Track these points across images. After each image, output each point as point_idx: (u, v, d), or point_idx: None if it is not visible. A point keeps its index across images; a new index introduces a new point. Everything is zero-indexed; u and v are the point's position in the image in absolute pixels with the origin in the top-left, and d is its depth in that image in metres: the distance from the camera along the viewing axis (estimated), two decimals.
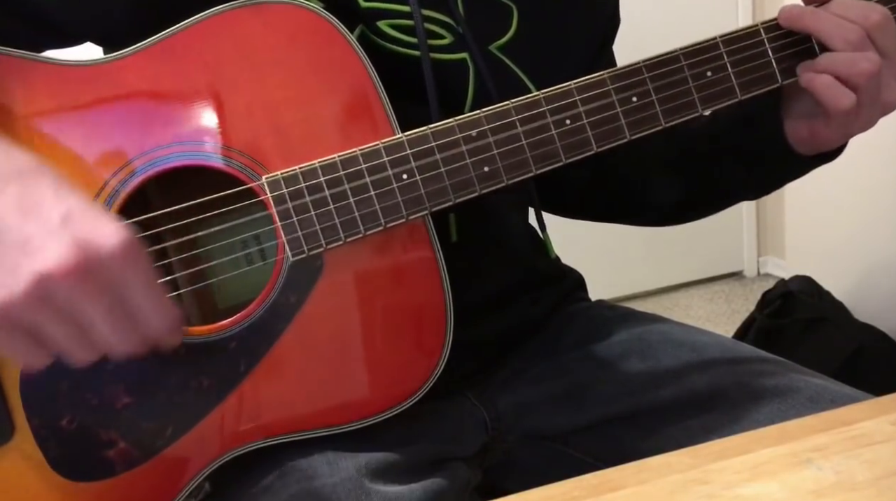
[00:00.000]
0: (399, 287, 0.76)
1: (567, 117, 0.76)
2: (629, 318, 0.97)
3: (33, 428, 0.72)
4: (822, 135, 0.82)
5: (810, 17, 0.79)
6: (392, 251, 0.76)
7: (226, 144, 0.73)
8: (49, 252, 0.60)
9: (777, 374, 0.86)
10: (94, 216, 0.62)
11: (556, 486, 0.63)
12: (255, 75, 0.74)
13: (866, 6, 0.79)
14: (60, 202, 0.62)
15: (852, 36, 0.77)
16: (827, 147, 0.84)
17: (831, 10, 0.79)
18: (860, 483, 0.59)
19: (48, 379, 0.72)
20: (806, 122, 0.83)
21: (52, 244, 0.60)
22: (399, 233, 0.76)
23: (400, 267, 0.77)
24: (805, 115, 0.83)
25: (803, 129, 0.83)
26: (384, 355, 0.77)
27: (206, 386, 0.74)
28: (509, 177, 0.76)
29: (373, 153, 0.74)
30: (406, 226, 0.75)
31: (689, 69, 0.78)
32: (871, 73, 0.77)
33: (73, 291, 0.60)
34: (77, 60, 0.75)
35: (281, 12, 0.74)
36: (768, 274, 2.85)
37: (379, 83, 0.75)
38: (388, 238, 0.76)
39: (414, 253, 0.76)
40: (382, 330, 0.77)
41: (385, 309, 0.76)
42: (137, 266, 0.63)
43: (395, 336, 0.77)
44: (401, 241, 0.76)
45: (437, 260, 0.76)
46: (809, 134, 0.83)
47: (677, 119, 0.79)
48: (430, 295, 0.76)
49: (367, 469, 0.76)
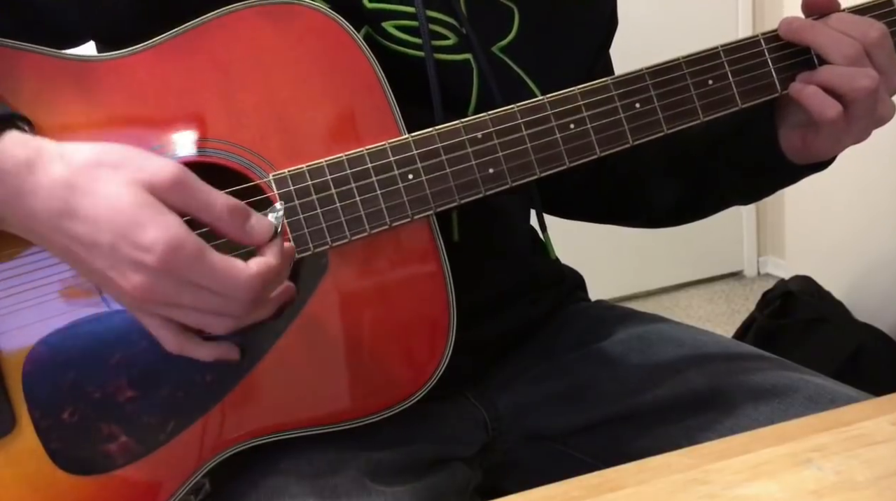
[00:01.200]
0: (402, 287, 0.77)
1: (571, 122, 0.77)
2: (629, 318, 0.98)
3: (35, 421, 0.73)
4: (814, 146, 0.83)
5: (809, 31, 0.80)
6: (396, 251, 0.76)
7: (233, 142, 0.74)
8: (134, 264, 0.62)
9: (777, 374, 0.86)
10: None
11: (556, 486, 0.63)
12: (264, 74, 0.74)
13: (865, 23, 0.80)
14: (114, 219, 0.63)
15: (850, 51, 0.78)
16: (820, 157, 0.85)
17: (831, 25, 0.80)
18: (860, 483, 0.59)
19: (50, 371, 0.72)
20: (799, 132, 0.84)
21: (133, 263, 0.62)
22: (404, 233, 0.76)
23: (404, 268, 0.77)
24: (799, 125, 0.84)
25: (797, 139, 0.84)
26: (386, 354, 0.77)
27: (208, 382, 0.74)
28: (514, 180, 0.76)
29: (379, 153, 0.74)
30: (411, 227, 0.76)
31: (691, 77, 0.79)
32: (869, 90, 0.78)
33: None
34: (87, 56, 0.75)
35: (289, 13, 0.75)
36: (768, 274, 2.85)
37: (386, 83, 0.75)
38: (393, 238, 0.76)
39: (418, 253, 0.77)
40: (385, 330, 0.77)
41: (388, 308, 0.77)
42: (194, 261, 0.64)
43: (397, 335, 0.77)
44: (405, 241, 0.76)
45: (441, 260, 0.77)
46: (802, 144, 0.84)
47: (679, 126, 0.80)
48: (433, 296, 0.77)
49: (368, 469, 0.76)
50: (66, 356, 0.73)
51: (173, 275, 0.62)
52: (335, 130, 0.75)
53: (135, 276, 0.62)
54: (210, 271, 0.63)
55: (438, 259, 0.77)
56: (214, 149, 0.74)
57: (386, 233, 0.75)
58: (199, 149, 0.74)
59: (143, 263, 0.61)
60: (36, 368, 0.72)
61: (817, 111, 0.79)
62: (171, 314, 0.65)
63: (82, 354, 0.73)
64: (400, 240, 0.76)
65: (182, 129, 0.74)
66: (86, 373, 0.73)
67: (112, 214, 0.62)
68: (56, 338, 0.73)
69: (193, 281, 0.63)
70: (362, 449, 0.78)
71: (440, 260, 0.77)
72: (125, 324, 0.72)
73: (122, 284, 0.63)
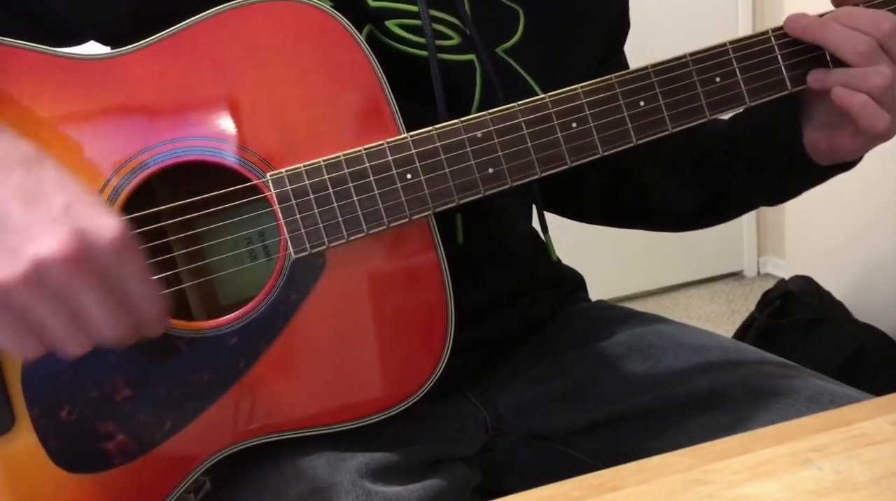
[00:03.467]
0: (400, 287, 0.76)
1: (573, 120, 0.76)
2: (629, 318, 0.97)
3: (33, 419, 0.73)
4: (842, 147, 0.81)
5: (819, 29, 0.77)
6: (394, 251, 0.76)
7: (231, 141, 0.74)
8: (48, 238, 0.61)
9: (777, 374, 0.86)
10: (93, 206, 0.64)
11: (556, 486, 0.63)
12: (262, 73, 0.74)
13: (877, 15, 0.77)
14: (62, 191, 0.64)
15: (863, 47, 0.76)
16: (847, 157, 0.83)
17: (840, 20, 0.77)
18: (860, 483, 0.59)
19: (50, 369, 0.72)
20: (824, 133, 0.82)
21: (52, 230, 0.62)
22: (402, 233, 0.75)
23: (402, 268, 0.77)
24: (824, 126, 0.82)
25: (822, 141, 0.83)
26: (384, 355, 0.77)
27: (205, 381, 0.74)
28: (514, 180, 0.76)
29: (377, 152, 0.74)
30: (409, 226, 0.75)
31: (698, 74, 0.78)
32: (883, 87, 0.76)
33: (68, 277, 0.62)
34: (85, 54, 0.75)
35: (289, 10, 0.74)
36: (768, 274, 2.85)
37: (386, 83, 0.75)
38: (391, 238, 0.75)
39: (416, 253, 0.76)
40: (383, 330, 0.77)
41: (386, 308, 0.76)
42: (131, 257, 0.65)
43: (395, 336, 0.77)
44: (403, 241, 0.76)
45: (440, 260, 0.76)
46: (828, 145, 0.82)
47: (685, 124, 0.78)
48: (431, 296, 0.76)
49: (368, 470, 0.76)
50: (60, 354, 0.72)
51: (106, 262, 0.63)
52: (334, 129, 0.75)
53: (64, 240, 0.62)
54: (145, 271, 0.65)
55: (437, 258, 0.76)
56: (211, 148, 0.74)
57: (384, 234, 0.75)
58: (196, 149, 0.73)
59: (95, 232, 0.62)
60: (35, 366, 0.72)
61: (867, 123, 0.76)
62: (61, 305, 0.64)
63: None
64: (398, 241, 0.76)
65: (179, 128, 0.74)
66: (84, 372, 0.73)
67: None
68: None
69: (121, 275, 0.64)
70: (362, 450, 0.78)
71: (438, 259, 0.76)
72: None
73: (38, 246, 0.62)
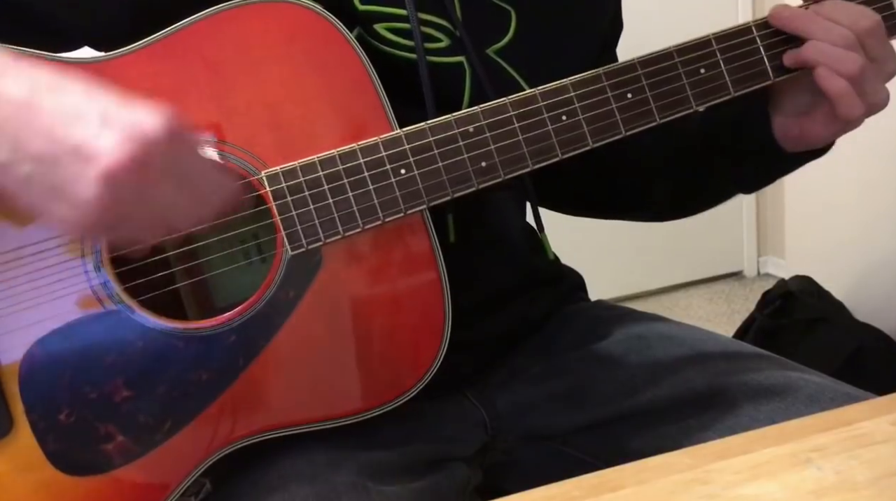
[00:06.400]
0: (396, 282, 0.77)
1: (563, 113, 0.77)
2: (628, 318, 0.97)
3: (31, 422, 0.72)
4: (812, 133, 0.83)
5: (801, 20, 0.80)
6: (390, 246, 0.76)
7: (225, 140, 0.74)
8: (102, 153, 0.60)
9: (777, 373, 0.86)
10: (128, 106, 0.62)
11: (556, 486, 0.63)
12: (255, 73, 0.75)
13: (858, 10, 0.80)
14: (94, 103, 0.62)
15: (841, 41, 0.78)
16: (816, 144, 0.85)
17: (823, 14, 0.80)
18: (860, 483, 0.59)
19: (47, 372, 0.72)
20: (796, 120, 0.84)
21: (102, 144, 0.60)
22: (397, 228, 0.76)
23: (398, 263, 0.77)
24: (795, 114, 0.84)
25: (793, 128, 0.84)
26: (381, 351, 0.77)
27: (204, 380, 0.74)
28: (506, 172, 0.77)
29: (371, 148, 0.74)
30: (404, 222, 0.76)
31: (683, 66, 0.80)
32: (851, 75, 0.77)
33: (139, 182, 0.61)
34: (79, 58, 0.75)
35: (280, 11, 0.75)
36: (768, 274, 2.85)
37: (377, 80, 0.75)
38: (387, 233, 0.76)
39: (412, 248, 0.77)
40: (379, 326, 0.77)
41: (382, 304, 0.76)
42: (185, 138, 0.64)
43: (392, 332, 0.77)
44: (399, 237, 0.76)
45: (435, 255, 0.76)
46: (800, 132, 0.84)
47: (672, 115, 0.80)
48: (427, 291, 0.76)
49: (368, 469, 0.76)
50: (61, 357, 0.72)
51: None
52: (327, 127, 0.75)
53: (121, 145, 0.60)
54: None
55: (432, 253, 0.76)
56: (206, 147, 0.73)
57: (380, 229, 0.75)
58: None
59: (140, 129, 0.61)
60: (32, 369, 0.72)
61: (844, 110, 0.79)
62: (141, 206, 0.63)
63: (78, 355, 0.73)
64: (394, 237, 0.76)
65: None
66: (82, 374, 0.73)
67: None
68: (52, 339, 0.73)
69: (180, 153, 0.64)
70: (362, 449, 0.78)
71: (434, 254, 0.76)
72: (121, 324, 0.73)
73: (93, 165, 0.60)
